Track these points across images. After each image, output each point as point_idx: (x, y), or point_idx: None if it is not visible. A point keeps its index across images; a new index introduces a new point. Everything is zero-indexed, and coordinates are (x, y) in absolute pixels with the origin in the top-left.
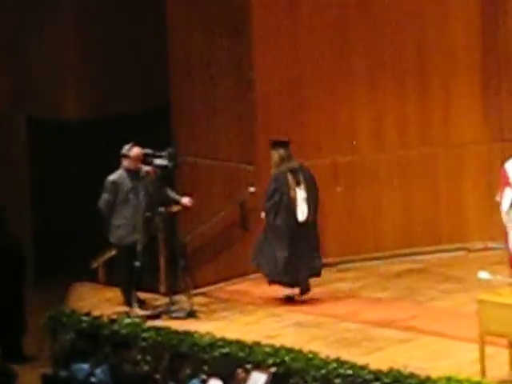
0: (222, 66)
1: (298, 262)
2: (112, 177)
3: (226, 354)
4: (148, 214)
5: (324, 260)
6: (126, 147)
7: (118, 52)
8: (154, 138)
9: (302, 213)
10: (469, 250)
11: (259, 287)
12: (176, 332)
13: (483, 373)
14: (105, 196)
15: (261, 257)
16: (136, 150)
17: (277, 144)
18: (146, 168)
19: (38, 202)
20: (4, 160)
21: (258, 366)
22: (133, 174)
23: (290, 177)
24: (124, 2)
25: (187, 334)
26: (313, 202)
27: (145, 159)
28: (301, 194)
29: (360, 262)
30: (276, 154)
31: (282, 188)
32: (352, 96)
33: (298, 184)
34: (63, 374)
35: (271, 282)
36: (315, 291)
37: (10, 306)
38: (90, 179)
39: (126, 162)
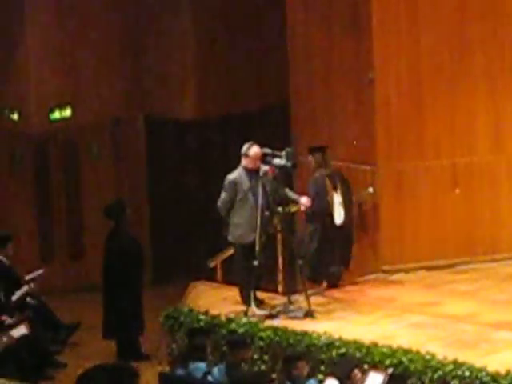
0: (342, 66)
1: (327, 261)
2: (231, 176)
3: (343, 355)
4: (266, 213)
5: (442, 261)
6: (246, 146)
7: (237, 51)
8: (273, 138)
9: (339, 216)
10: None
11: (376, 288)
12: (293, 332)
13: None
14: (224, 195)
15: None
16: (255, 149)
17: (314, 150)
18: (264, 167)
19: (155, 202)
20: (124, 160)
21: (375, 367)
22: (252, 173)
23: (327, 181)
24: (243, 1)
25: (304, 333)
26: (348, 206)
27: (263, 158)
28: (337, 198)
29: (477, 264)
30: (313, 160)
31: (321, 192)
32: (471, 96)
33: (334, 188)
34: (180, 372)
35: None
36: (432, 291)
37: (128, 304)
38: (208, 178)
39: (245, 161)
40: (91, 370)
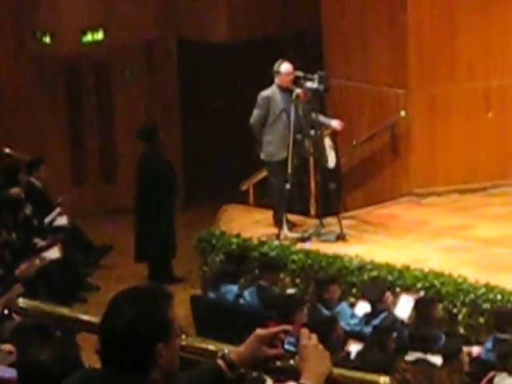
0: None
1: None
2: (265, 92)
3: (375, 278)
4: (298, 136)
5: (474, 185)
6: (277, 63)
7: None
8: (305, 62)
9: (331, 159)
10: None
11: (408, 211)
12: (325, 255)
13: None
14: (256, 111)
15: None
16: (286, 66)
17: None
18: (297, 90)
19: (187, 124)
20: (156, 82)
21: (407, 290)
22: (285, 92)
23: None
24: None
25: (336, 256)
26: (337, 149)
27: (296, 82)
28: (328, 142)
29: (510, 187)
30: None
31: None
32: (505, 18)
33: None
34: (212, 295)
35: None
36: (464, 214)
37: (160, 227)
38: (240, 101)
39: (277, 79)
40: (125, 291)
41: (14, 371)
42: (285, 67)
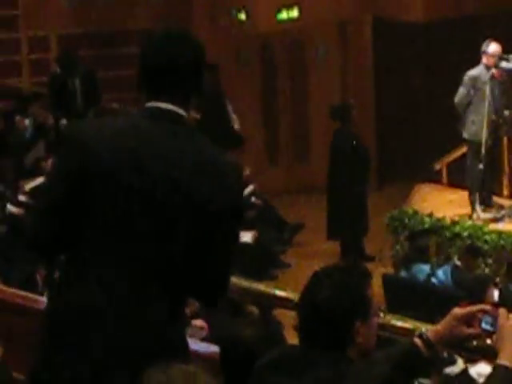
0: None
1: None
2: (471, 72)
3: None
4: (493, 117)
5: None
6: (485, 43)
7: None
8: (502, 41)
9: None
10: None
11: None
12: None
13: None
14: (462, 89)
15: None
16: (493, 46)
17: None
18: (492, 70)
19: (381, 102)
20: (350, 61)
21: None
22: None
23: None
24: None
25: None
26: None
27: None
28: None
29: None
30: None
31: None
32: None
33: None
34: (404, 274)
35: None
36: None
37: (353, 205)
38: (436, 80)
39: (484, 58)
40: (325, 268)
41: (216, 347)
42: (492, 48)
